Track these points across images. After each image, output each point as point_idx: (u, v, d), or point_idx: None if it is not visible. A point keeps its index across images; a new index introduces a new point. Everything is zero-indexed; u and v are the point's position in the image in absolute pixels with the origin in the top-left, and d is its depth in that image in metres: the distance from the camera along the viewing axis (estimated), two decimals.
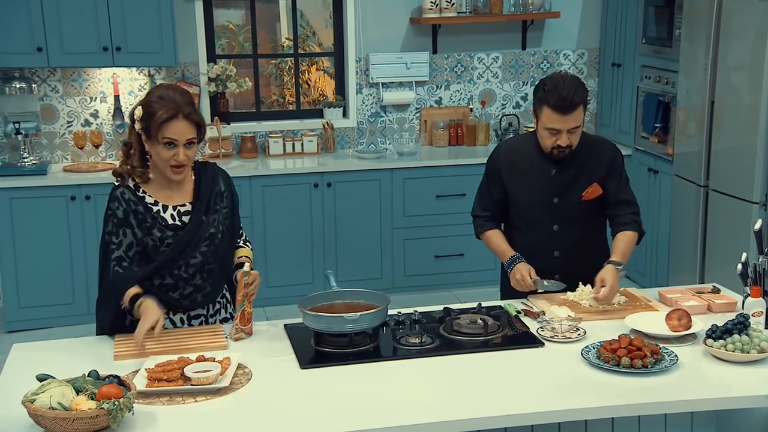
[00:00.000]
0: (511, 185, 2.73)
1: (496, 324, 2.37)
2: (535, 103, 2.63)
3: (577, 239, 2.71)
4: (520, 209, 2.75)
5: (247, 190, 4.58)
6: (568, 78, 2.59)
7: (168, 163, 2.27)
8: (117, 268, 2.31)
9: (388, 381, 2.10)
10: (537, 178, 2.69)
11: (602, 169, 2.68)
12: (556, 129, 2.56)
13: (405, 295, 4.78)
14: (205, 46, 4.86)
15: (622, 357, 2.08)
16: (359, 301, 2.37)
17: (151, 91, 2.36)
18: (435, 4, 4.94)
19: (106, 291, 2.37)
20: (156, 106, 2.25)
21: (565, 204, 2.68)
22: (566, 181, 2.67)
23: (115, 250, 2.32)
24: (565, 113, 2.52)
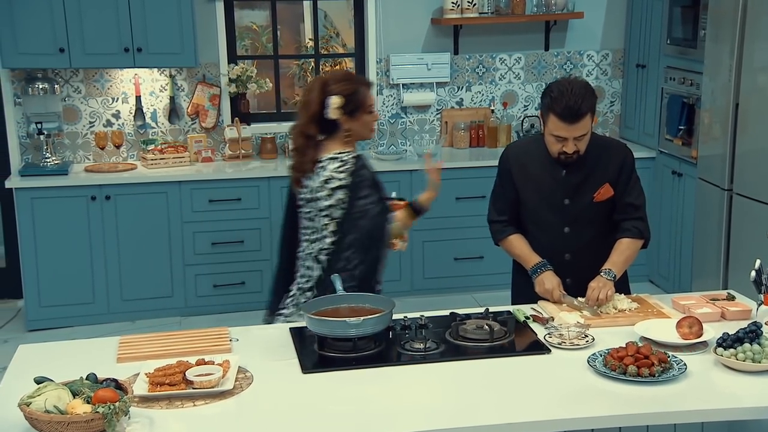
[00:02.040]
0: (522, 187, 2.70)
1: (502, 330, 2.34)
2: (542, 108, 2.59)
3: (589, 241, 2.67)
4: (530, 211, 2.72)
5: (265, 191, 4.59)
6: (576, 84, 2.53)
7: (372, 126, 2.70)
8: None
9: (391, 387, 2.08)
10: (547, 180, 2.65)
11: (614, 170, 2.64)
12: (562, 137, 2.53)
13: (424, 297, 4.76)
14: (225, 46, 4.88)
15: (629, 365, 2.03)
16: (364, 305, 2.35)
17: (326, 82, 2.58)
18: (456, 4, 4.90)
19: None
20: (355, 84, 2.60)
21: (576, 205, 2.64)
22: (577, 183, 2.63)
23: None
24: (571, 122, 2.48)
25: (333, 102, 2.56)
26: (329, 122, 2.60)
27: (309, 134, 2.62)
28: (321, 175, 2.59)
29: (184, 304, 4.60)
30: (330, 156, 2.61)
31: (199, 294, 4.61)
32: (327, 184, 2.59)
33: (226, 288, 4.62)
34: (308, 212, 2.68)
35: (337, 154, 2.61)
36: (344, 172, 2.58)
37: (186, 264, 4.56)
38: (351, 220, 2.57)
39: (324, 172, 2.59)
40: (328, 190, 2.59)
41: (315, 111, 2.59)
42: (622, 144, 2.77)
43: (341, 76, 2.67)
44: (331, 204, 2.59)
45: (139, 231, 4.47)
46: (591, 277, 2.58)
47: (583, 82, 2.57)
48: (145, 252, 4.49)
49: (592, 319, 2.40)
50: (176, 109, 4.84)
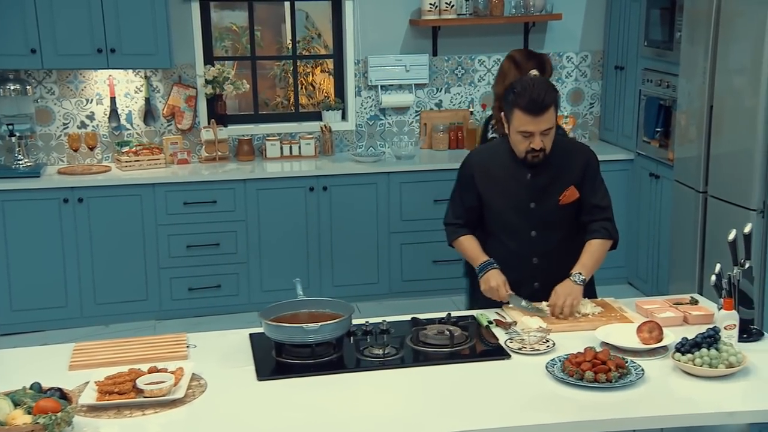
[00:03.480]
0: (486, 192, 2.68)
1: (463, 335, 2.32)
2: (505, 108, 2.57)
3: (556, 245, 2.66)
4: (496, 216, 2.70)
5: (241, 193, 4.56)
6: (538, 80, 2.56)
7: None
8: None
9: (349, 393, 2.06)
10: (512, 184, 2.64)
11: (578, 172, 2.63)
12: (529, 131, 2.51)
13: (402, 300, 4.75)
14: (201, 47, 4.85)
15: (586, 371, 2.02)
16: (325, 310, 2.33)
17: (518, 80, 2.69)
18: (434, 5, 4.88)
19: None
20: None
21: (542, 209, 2.63)
22: (542, 186, 2.62)
23: None
24: (536, 114, 2.48)
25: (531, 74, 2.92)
26: None
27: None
28: None
29: (159, 307, 4.56)
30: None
31: (174, 297, 4.57)
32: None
33: (202, 291, 4.59)
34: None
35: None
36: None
37: (161, 267, 4.53)
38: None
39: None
40: None
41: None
42: (586, 146, 2.77)
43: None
44: None
45: (113, 234, 4.43)
46: (560, 280, 2.57)
47: (544, 79, 2.60)
48: (119, 255, 4.45)
49: (554, 324, 2.38)
50: (151, 110, 4.80)
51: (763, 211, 3.68)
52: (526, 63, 3.28)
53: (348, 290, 4.76)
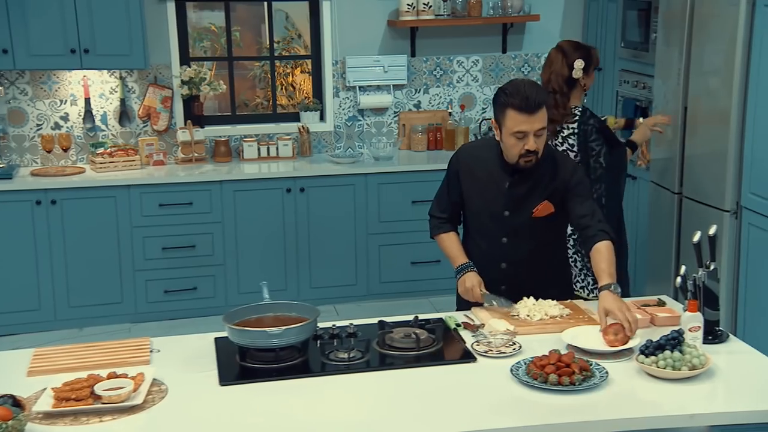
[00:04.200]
0: (467, 191, 2.68)
1: (430, 338, 2.31)
2: (496, 110, 2.55)
3: (526, 255, 2.65)
4: (473, 216, 2.71)
5: (218, 194, 4.53)
6: (528, 81, 2.56)
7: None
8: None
9: (313, 398, 2.04)
10: (491, 189, 2.63)
11: (558, 188, 2.59)
12: (523, 131, 2.47)
13: (381, 302, 4.74)
14: (177, 48, 4.81)
15: (550, 374, 2.01)
16: (290, 314, 2.31)
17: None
18: (412, 6, 4.87)
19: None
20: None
21: (514, 218, 2.62)
22: (518, 196, 2.60)
23: None
24: (530, 113, 2.45)
25: (578, 64, 3.27)
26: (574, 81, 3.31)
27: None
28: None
29: (134, 310, 4.52)
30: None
31: (150, 300, 4.54)
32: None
33: (178, 294, 4.56)
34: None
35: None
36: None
37: (136, 269, 4.49)
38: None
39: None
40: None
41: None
42: (572, 161, 2.75)
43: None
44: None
45: (87, 236, 4.39)
46: (526, 286, 2.57)
47: (534, 81, 2.60)
48: (93, 257, 4.41)
49: (521, 326, 2.38)
50: (127, 111, 4.76)
51: (736, 212, 3.69)
52: (573, 53, 3.36)
53: (326, 292, 4.75)
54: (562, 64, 3.33)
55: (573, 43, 3.51)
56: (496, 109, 2.56)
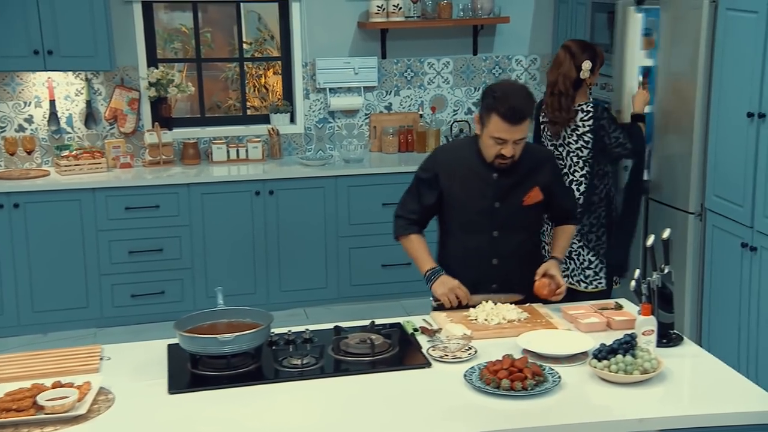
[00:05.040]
0: (450, 190, 2.66)
1: (386, 343, 2.29)
2: (482, 110, 2.56)
3: (516, 247, 2.66)
4: (459, 215, 2.68)
5: (185, 197, 4.49)
6: (518, 87, 2.57)
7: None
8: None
9: (265, 405, 2.02)
10: (477, 183, 2.63)
11: (544, 175, 2.65)
12: (503, 139, 2.50)
13: (351, 305, 4.71)
14: (144, 49, 4.76)
15: (503, 379, 2.00)
16: (244, 320, 2.28)
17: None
18: (382, 8, 4.86)
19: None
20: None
21: (506, 209, 2.63)
22: (508, 186, 2.62)
23: None
24: (514, 124, 2.47)
25: (585, 66, 3.36)
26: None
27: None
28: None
29: (100, 314, 4.47)
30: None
31: (116, 304, 4.48)
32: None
33: (145, 298, 4.50)
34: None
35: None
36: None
37: (102, 273, 4.44)
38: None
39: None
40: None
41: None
42: (546, 149, 2.88)
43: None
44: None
45: (51, 240, 4.33)
46: (517, 284, 2.60)
47: (525, 86, 2.62)
48: (57, 261, 4.35)
49: (478, 331, 2.36)
50: (93, 113, 4.70)
51: (700, 214, 3.71)
52: (581, 54, 3.42)
53: (296, 295, 4.72)
54: (570, 65, 3.39)
55: (580, 43, 3.55)
56: (482, 107, 2.57)
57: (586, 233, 3.52)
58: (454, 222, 2.69)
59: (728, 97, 3.41)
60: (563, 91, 3.41)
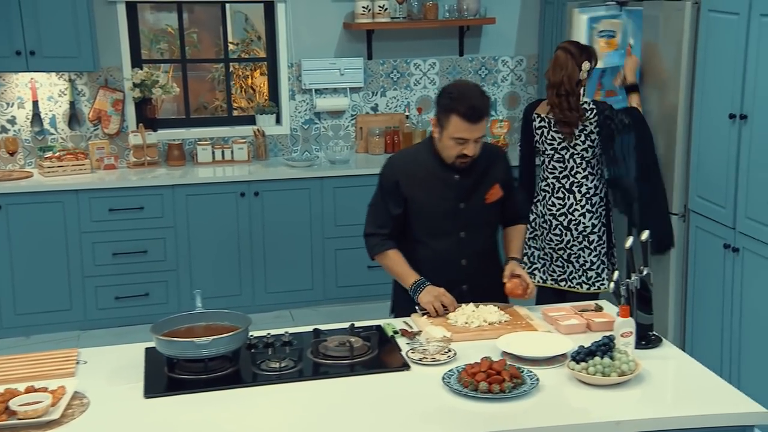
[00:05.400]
0: (413, 196, 2.64)
1: (365, 346, 2.28)
2: (439, 112, 2.56)
3: (482, 246, 2.69)
4: (424, 220, 2.66)
5: (170, 199, 4.47)
6: (473, 86, 2.58)
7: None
8: None
9: (243, 410, 2.00)
10: (439, 186, 2.62)
11: (500, 171, 2.70)
12: (464, 138, 2.51)
13: (337, 306, 4.70)
14: (128, 50, 4.74)
15: (480, 381, 1.99)
16: (223, 323, 2.26)
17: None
18: (367, 9, 4.85)
19: None
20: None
21: (470, 209, 2.64)
22: (470, 186, 2.64)
23: None
24: (474, 122, 2.49)
25: (585, 66, 3.44)
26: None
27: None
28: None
29: (84, 317, 4.44)
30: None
31: (100, 306, 4.45)
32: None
33: (129, 300, 4.48)
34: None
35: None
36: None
37: (85, 276, 4.41)
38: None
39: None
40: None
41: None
42: (497, 146, 2.90)
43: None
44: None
45: (34, 242, 4.29)
46: (485, 282, 2.61)
47: (478, 85, 2.63)
48: (40, 263, 4.32)
49: (458, 333, 2.36)
50: (77, 114, 4.67)
51: (684, 215, 3.72)
52: (580, 55, 3.48)
53: (282, 297, 4.70)
54: (573, 66, 3.44)
55: (575, 44, 3.60)
56: (439, 110, 2.56)
57: (587, 234, 3.52)
58: (420, 228, 2.67)
59: (710, 99, 3.42)
60: (570, 91, 3.43)
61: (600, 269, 3.57)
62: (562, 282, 3.59)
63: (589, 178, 3.51)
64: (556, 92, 3.45)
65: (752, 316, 3.21)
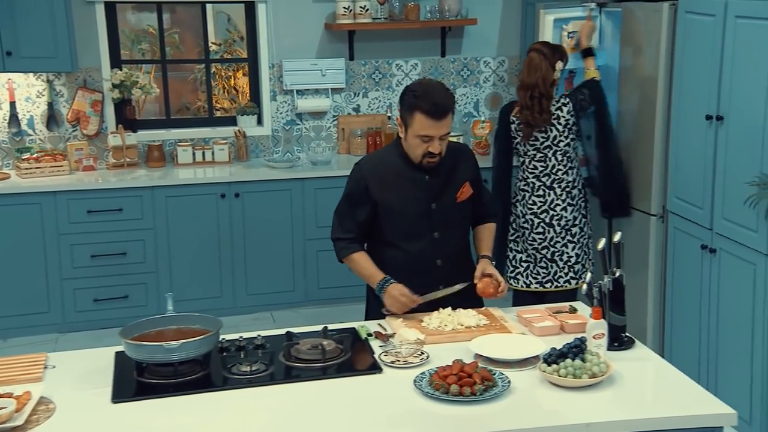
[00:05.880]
0: (384, 200, 2.62)
1: (338, 348, 2.26)
2: (404, 111, 2.54)
3: (455, 245, 2.68)
4: (396, 223, 2.64)
5: (149, 200, 4.43)
6: (437, 83, 2.57)
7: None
8: None
9: (213, 414, 1.98)
10: (410, 187, 2.61)
11: (468, 170, 2.69)
12: (429, 136, 2.50)
13: (318, 308, 4.68)
14: (108, 51, 4.70)
15: (451, 384, 1.98)
16: (194, 326, 2.24)
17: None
18: (348, 9, 4.83)
19: None
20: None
21: (442, 208, 2.64)
22: (440, 185, 2.63)
23: None
24: (439, 119, 2.47)
25: (559, 66, 3.47)
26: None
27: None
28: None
29: (62, 320, 4.40)
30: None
31: (78, 309, 4.42)
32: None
33: (108, 302, 4.44)
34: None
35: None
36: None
37: (63, 278, 4.37)
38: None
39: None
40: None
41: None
42: (463, 144, 2.88)
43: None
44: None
45: (12, 244, 4.25)
46: (460, 281, 2.58)
47: (442, 82, 2.63)
48: (18, 266, 4.28)
49: (432, 335, 2.35)
50: (55, 115, 4.63)
51: (662, 216, 3.73)
52: (553, 56, 3.50)
53: (263, 299, 4.68)
54: (548, 67, 3.47)
55: (547, 45, 3.62)
56: (403, 109, 2.55)
57: (569, 228, 3.55)
58: (393, 231, 2.65)
59: (688, 100, 3.43)
60: (544, 93, 3.45)
61: (584, 261, 3.60)
62: (548, 284, 3.58)
63: (569, 173, 3.53)
64: (530, 94, 3.46)
65: (729, 317, 3.22)
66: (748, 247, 3.06)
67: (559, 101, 3.50)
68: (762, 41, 2.92)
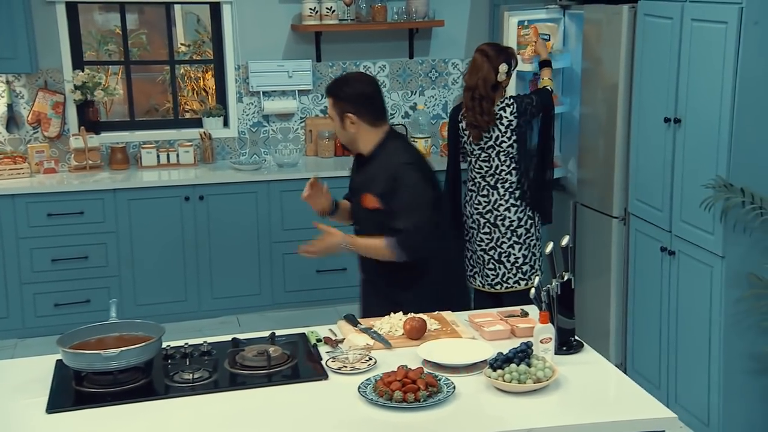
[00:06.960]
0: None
1: (284, 355, 2.23)
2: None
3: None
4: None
5: (111, 203, 4.37)
6: (351, 73, 2.91)
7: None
8: None
9: (153, 424, 1.94)
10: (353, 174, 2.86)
11: (379, 185, 2.65)
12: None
13: (285, 311, 4.65)
14: (69, 52, 4.63)
15: (395, 390, 1.95)
16: (136, 333, 2.20)
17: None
18: (315, 11, 4.80)
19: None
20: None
21: (356, 205, 2.78)
22: (356, 184, 2.78)
23: None
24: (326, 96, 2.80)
25: (502, 68, 3.42)
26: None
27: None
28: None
29: (22, 325, 4.33)
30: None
31: (39, 314, 4.35)
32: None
33: (69, 307, 4.38)
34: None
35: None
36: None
37: (23, 282, 4.30)
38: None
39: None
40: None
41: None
42: (397, 163, 2.63)
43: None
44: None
45: None
46: (376, 279, 2.74)
47: (360, 75, 2.84)
48: None
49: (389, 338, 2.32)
50: (15, 117, 4.56)
51: (624, 218, 3.73)
52: (497, 57, 3.46)
53: (229, 302, 4.63)
54: (489, 69, 3.43)
55: (494, 46, 3.59)
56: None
57: (515, 229, 3.55)
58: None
59: (647, 102, 3.44)
60: (484, 95, 3.44)
61: (533, 262, 3.59)
62: (498, 285, 3.59)
63: (513, 174, 3.53)
64: (471, 95, 3.46)
65: (687, 319, 3.23)
66: (704, 249, 3.07)
67: (504, 102, 3.49)
68: (717, 44, 2.92)
